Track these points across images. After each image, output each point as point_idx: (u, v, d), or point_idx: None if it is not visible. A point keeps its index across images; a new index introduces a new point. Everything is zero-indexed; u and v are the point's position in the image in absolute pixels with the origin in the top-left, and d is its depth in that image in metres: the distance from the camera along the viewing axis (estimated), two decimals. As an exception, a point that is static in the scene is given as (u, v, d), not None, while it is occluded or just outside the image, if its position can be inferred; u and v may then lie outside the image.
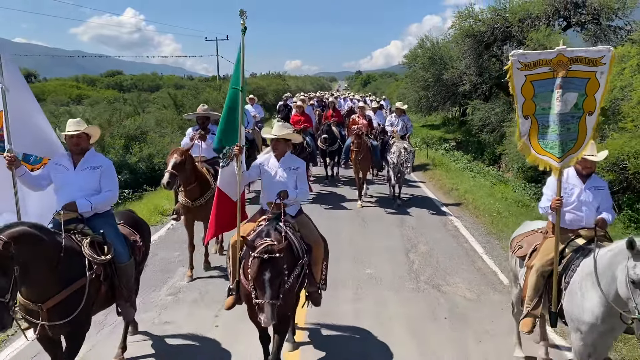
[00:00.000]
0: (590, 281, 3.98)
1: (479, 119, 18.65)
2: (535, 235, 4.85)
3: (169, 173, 6.49)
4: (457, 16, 19.77)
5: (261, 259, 3.88)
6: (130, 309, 4.75)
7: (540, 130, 4.28)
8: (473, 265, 7.73)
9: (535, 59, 4.18)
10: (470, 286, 6.92)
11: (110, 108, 19.92)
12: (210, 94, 23.97)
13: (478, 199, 11.53)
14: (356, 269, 7.51)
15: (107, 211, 4.67)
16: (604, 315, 3.85)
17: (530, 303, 4.45)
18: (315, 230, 5.04)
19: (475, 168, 16.57)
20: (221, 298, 5.58)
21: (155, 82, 64.17)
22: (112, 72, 78.79)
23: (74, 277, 3.99)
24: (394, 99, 26.27)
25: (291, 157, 5.13)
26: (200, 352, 5.33)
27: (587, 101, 4.16)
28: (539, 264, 4.42)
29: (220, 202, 5.13)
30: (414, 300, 6.51)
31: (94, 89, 57.22)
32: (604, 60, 4.07)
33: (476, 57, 19.68)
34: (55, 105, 33.33)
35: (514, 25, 18.10)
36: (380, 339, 5.50)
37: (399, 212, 10.82)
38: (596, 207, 4.52)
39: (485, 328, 5.73)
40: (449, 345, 5.36)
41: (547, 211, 4.52)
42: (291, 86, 53.93)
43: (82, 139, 4.51)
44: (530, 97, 4.25)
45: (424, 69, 22.48)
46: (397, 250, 8.34)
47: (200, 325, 5.80)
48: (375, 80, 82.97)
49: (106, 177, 4.56)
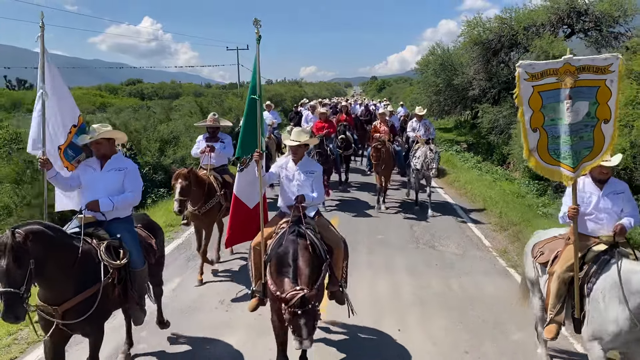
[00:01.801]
0: (615, 294, 3.96)
1: (487, 121, 19.37)
2: (557, 241, 4.80)
3: (178, 201, 6.46)
4: (465, 25, 20.85)
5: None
6: (141, 314, 4.76)
7: (550, 141, 4.19)
8: (463, 234, 9.82)
9: (542, 69, 4.11)
10: (458, 246, 9.00)
11: (136, 115, 21.26)
12: (232, 101, 25.33)
13: (476, 189, 13.19)
14: (370, 234, 9.58)
15: (127, 216, 4.75)
16: (629, 328, 3.85)
17: (554, 310, 4.44)
18: (334, 231, 5.13)
19: (484, 168, 17.42)
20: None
21: (175, 90, 65.75)
22: (133, 81, 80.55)
23: (90, 280, 4.06)
24: (407, 103, 27.34)
25: (308, 161, 5.29)
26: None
27: (600, 109, 4.08)
28: (560, 271, 4.41)
29: (236, 210, 5.23)
30: (413, 254, 8.57)
31: (116, 97, 59.03)
32: (612, 67, 4.01)
33: (485, 63, 20.66)
34: (82, 113, 35.01)
35: (519, 33, 19.03)
36: (386, 278, 7.45)
37: (410, 206, 11.81)
38: (618, 212, 4.47)
39: (465, 271, 7.74)
40: (437, 280, 7.40)
41: (565, 220, 4.49)
42: (308, 92, 55.19)
43: (102, 145, 4.62)
44: (538, 109, 4.15)
45: (435, 75, 23.43)
46: (403, 224, 10.48)
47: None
48: (390, 86, 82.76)
49: (130, 179, 4.66)
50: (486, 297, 6.77)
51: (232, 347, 5.46)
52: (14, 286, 3.45)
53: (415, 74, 29.45)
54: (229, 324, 5.98)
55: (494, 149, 19.40)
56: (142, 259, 4.69)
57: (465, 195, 13.20)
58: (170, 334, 5.72)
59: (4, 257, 3.42)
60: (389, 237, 9.52)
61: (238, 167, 5.17)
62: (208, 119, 8.03)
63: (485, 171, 16.74)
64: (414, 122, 12.19)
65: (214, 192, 7.20)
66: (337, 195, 12.82)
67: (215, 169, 7.67)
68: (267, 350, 5.11)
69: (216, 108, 23.39)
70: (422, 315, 6.28)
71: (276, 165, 5.26)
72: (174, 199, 6.54)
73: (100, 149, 4.63)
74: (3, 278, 3.44)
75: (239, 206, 5.25)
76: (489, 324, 6.03)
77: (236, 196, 5.23)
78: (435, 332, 5.82)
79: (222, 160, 7.91)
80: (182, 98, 39.56)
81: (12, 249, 3.42)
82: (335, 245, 4.94)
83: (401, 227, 10.23)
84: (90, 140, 4.59)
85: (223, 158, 7.90)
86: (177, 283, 7.27)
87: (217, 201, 7.24)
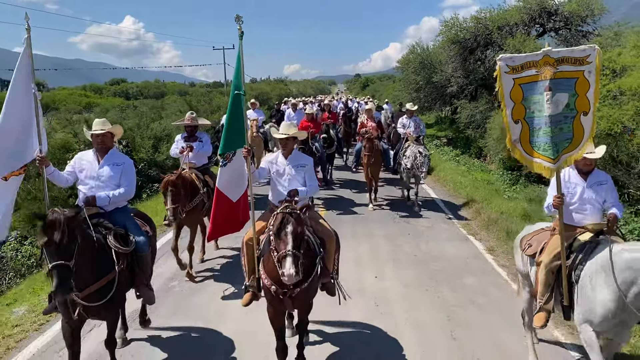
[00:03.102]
0: (603, 275, 4.00)
1: (465, 116, 20.04)
2: (543, 233, 4.89)
3: (171, 210, 6.48)
4: (443, 25, 21.70)
5: (284, 213, 4.07)
6: (150, 292, 5.05)
7: (532, 133, 4.22)
8: (434, 210, 11.55)
9: (522, 62, 4.14)
10: (429, 220, 10.69)
11: (124, 115, 21.76)
12: (220, 100, 26.03)
13: (449, 176, 14.65)
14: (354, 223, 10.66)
15: (124, 206, 4.99)
16: (616, 309, 3.90)
17: (542, 298, 4.52)
18: (325, 224, 5.14)
19: (462, 160, 18.28)
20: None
21: (160, 89, 65.90)
22: (117, 80, 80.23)
23: (106, 267, 4.30)
24: (390, 101, 28.20)
25: (299, 155, 5.26)
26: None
27: (579, 101, 4.08)
28: (547, 260, 4.50)
29: (218, 203, 5.13)
30: (390, 226, 10.28)
31: (101, 97, 58.98)
32: (590, 59, 4.01)
33: (462, 61, 21.41)
34: (69, 113, 35.33)
35: (494, 32, 19.89)
36: (368, 243, 9.14)
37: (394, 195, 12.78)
38: (601, 202, 4.56)
39: (432, 238, 9.43)
40: (408, 243, 9.13)
41: (550, 210, 4.58)
42: (293, 90, 55.91)
43: (107, 137, 4.88)
44: (519, 101, 4.19)
45: (415, 73, 24.10)
46: (383, 204, 12.07)
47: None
48: (374, 83, 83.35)
49: (126, 174, 4.87)
50: (447, 256, 8.44)
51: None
52: (66, 259, 3.68)
53: (397, 72, 30.33)
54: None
55: (472, 142, 20.13)
56: (148, 243, 4.94)
57: (438, 182, 14.81)
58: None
59: (58, 232, 3.67)
60: (371, 215, 11.09)
61: (220, 163, 5.09)
62: (186, 117, 7.97)
63: (463, 163, 17.58)
64: (404, 119, 11.97)
65: (197, 190, 7.21)
66: (322, 194, 12.94)
67: (197, 168, 7.63)
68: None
69: (205, 106, 24.07)
70: (395, 268, 7.89)
71: (266, 160, 5.26)
72: (167, 207, 6.52)
73: (106, 142, 4.88)
74: (56, 251, 3.66)
75: (221, 199, 5.15)
76: (447, 273, 7.63)
77: (219, 189, 5.14)
78: (405, 278, 7.43)
79: (203, 160, 7.87)
80: (168, 97, 40.05)
81: (65, 223, 3.70)
82: (328, 237, 4.95)
83: (385, 217, 11.15)
84: (100, 132, 4.80)
85: (203, 157, 7.86)
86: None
87: (200, 199, 7.27)
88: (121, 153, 5.09)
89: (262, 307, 4.86)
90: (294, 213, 4.06)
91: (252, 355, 5.31)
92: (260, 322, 5.24)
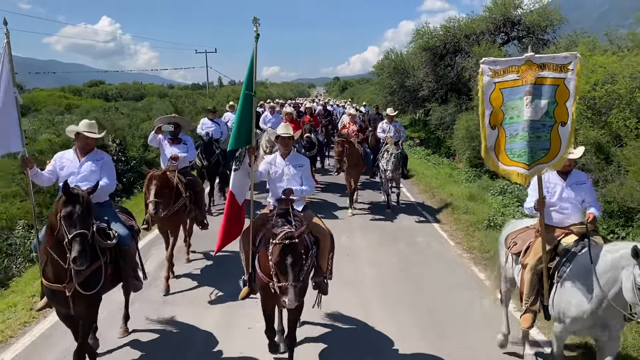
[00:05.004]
0: (583, 277, 4.05)
1: (436, 118, 21.29)
2: (528, 232, 4.91)
3: (153, 203, 6.45)
4: (415, 33, 23.08)
5: (282, 245, 4.00)
6: (137, 282, 5.13)
7: (508, 140, 4.13)
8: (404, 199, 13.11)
9: (504, 66, 4.10)
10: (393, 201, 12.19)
11: (106, 116, 22.37)
12: (205, 102, 26.89)
13: (420, 172, 16.22)
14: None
15: (106, 201, 5.07)
16: (593, 309, 3.95)
17: (528, 300, 4.57)
18: (321, 224, 5.15)
19: (432, 159, 19.49)
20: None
21: (140, 91, 65.88)
22: (95, 82, 79.78)
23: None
24: (367, 103, 29.45)
25: (296, 155, 5.32)
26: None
27: (558, 110, 4.00)
28: (532, 262, 4.52)
29: (231, 208, 5.01)
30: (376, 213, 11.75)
31: (80, 98, 58.81)
32: (571, 66, 3.96)
33: (433, 66, 22.68)
34: (51, 114, 35.63)
35: (462, 40, 21.31)
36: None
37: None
38: (580, 202, 4.60)
39: (394, 216, 11.31)
40: (389, 224, 10.82)
41: (532, 211, 4.60)
42: (273, 93, 56.81)
43: (92, 140, 5.03)
44: (499, 106, 4.12)
45: (390, 77, 25.44)
46: (363, 197, 13.27)
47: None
48: (353, 86, 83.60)
49: (106, 168, 5.01)
50: (402, 223, 10.90)
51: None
52: (87, 228, 3.96)
53: (373, 75, 31.70)
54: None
55: (442, 142, 21.21)
56: (130, 236, 5.07)
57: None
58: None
59: (80, 204, 3.99)
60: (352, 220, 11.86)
61: (233, 166, 5.07)
62: (169, 121, 7.92)
63: (433, 162, 18.83)
64: (384, 124, 11.88)
65: (179, 194, 7.19)
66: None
67: (179, 171, 7.53)
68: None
69: (190, 108, 24.93)
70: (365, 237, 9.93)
71: (264, 162, 5.30)
72: (149, 200, 6.47)
73: (92, 144, 5.05)
74: (78, 220, 3.93)
75: (234, 205, 5.08)
76: (402, 234, 9.92)
77: (232, 194, 5.05)
78: (371, 239, 9.65)
79: (184, 163, 7.86)
80: (147, 98, 40.55)
81: (85, 197, 4.06)
82: (322, 235, 4.99)
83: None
84: (89, 135, 4.94)
85: (185, 162, 7.82)
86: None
87: (182, 203, 7.25)
88: (101, 151, 5.26)
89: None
90: (292, 242, 4.06)
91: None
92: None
